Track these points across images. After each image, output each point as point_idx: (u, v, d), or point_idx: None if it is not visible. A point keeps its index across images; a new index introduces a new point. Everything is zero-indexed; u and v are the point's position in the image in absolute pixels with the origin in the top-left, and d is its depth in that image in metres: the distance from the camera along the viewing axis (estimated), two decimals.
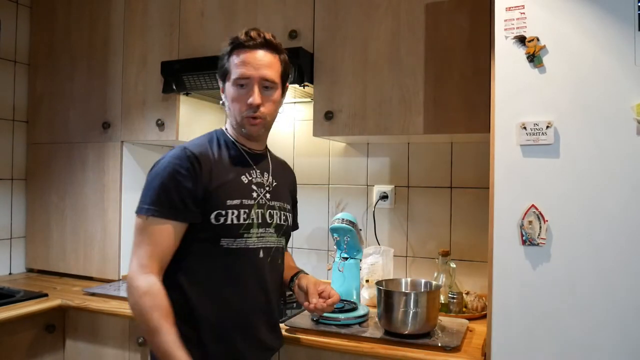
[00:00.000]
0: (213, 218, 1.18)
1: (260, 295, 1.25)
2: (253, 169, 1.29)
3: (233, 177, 1.24)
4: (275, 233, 1.30)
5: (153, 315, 1.08)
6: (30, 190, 2.36)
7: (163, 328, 1.08)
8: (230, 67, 1.25)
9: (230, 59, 1.25)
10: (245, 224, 1.22)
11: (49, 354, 1.83)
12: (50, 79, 2.31)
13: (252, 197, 1.25)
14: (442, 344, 1.35)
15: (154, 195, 1.16)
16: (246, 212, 1.22)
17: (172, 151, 1.21)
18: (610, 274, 1.11)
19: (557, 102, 1.16)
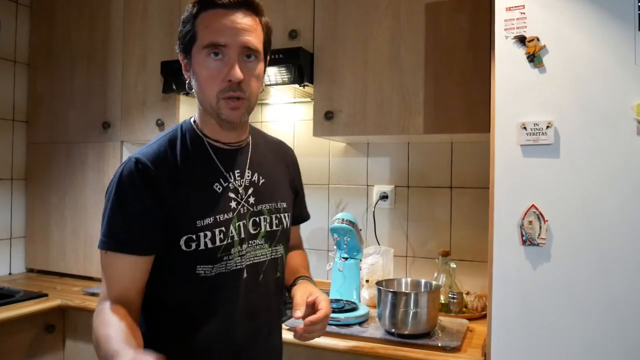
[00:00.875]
0: (183, 244, 0.95)
1: (248, 323, 1.03)
2: (229, 172, 1.02)
3: (202, 187, 0.98)
4: (267, 243, 1.06)
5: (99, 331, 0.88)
6: (30, 190, 2.36)
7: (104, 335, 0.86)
8: (197, 33, 0.95)
9: (197, 22, 0.95)
10: (222, 245, 0.98)
11: (49, 354, 1.83)
12: (50, 79, 2.31)
13: (229, 208, 0.99)
14: (442, 344, 1.35)
15: (106, 225, 0.95)
16: (222, 231, 0.97)
17: (121, 165, 0.97)
18: (610, 274, 1.11)
19: (557, 102, 1.16)
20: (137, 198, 0.93)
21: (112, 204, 0.94)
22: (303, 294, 1.05)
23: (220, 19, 0.93)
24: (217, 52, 0.94)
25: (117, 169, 0.97)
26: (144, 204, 0.93)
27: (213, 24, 0.93)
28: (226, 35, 0.93)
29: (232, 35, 0.93)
